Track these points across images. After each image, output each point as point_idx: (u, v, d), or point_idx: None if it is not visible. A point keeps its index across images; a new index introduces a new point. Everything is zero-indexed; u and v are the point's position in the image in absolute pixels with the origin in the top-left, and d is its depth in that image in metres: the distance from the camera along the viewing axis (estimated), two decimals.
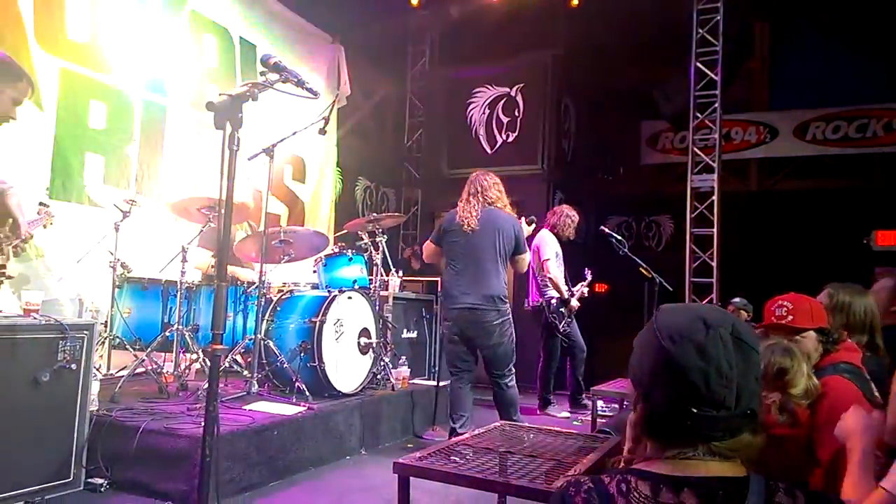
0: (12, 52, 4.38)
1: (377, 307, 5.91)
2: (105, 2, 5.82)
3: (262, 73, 2.36)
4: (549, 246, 7.13)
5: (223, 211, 2.20)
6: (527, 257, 5.38)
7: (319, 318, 5.08)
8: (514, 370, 5.21)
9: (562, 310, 7.12)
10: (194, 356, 5.14)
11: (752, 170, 11.22)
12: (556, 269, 7.06)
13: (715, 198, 8.57)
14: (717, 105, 8.56)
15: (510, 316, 5.17)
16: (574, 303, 7.17)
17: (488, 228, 5.07)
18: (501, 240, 5.07)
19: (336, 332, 5.22)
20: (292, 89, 2.42)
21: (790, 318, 2.67)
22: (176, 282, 5.03)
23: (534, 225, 5.69)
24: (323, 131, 5.39)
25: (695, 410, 1.24)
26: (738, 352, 1.27)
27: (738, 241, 9.54)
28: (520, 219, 5.46)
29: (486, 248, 5.06)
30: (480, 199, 5.15)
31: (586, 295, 7.39)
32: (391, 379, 5.89)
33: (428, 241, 5.50)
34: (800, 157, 10.60)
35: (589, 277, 7.47)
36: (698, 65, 8.63)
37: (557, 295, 7.10)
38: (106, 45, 5.82)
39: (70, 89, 5.50)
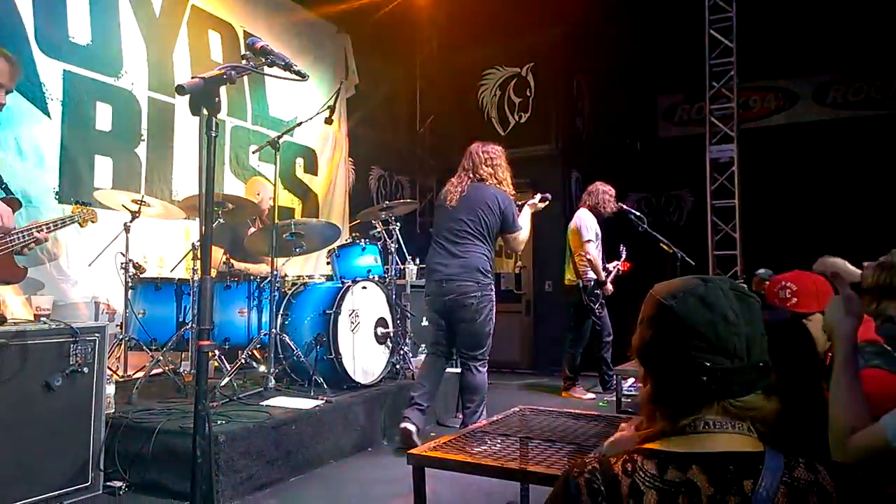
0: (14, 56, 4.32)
1: (394, 296, 5.84)
2: (105, 2, 5.77)
3: (244, 57, 2.28)
4: (589, 227, 6.99)
5: (204, 201, 2.13)
6: (520, 236, 5.08)
7: (334, 309, 5.03)
8: (487, 358, 4.96)
9: (597, 292, 7.00)
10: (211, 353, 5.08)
11: (772, 137, 10.97)
12: (595, 251, 6.94)
13: (735, 168, 8.40)
14: (732, 73, 8.37)
15: (492, 294, 4.92)
16: (609, 287, 7.03)
17: (471, 204, 4.89)
18: (485, 216, 4.86)
19: (352, 322, 5.17)
20: (279, 72, 2.33)
21: (794, 300, 2.48)
22: (188, 280, 5.00)
23: (547, 202, 5.39)
24: (329, 121, 5.33)
25: (708, 364, 1.21)
26: (740, 302, 1.26)
27: (762, 212, 9.32)
28: (533, 195, 5.31)
29: (468, 223, 4.86)
30: (470, 174, 4.99)
31: (621, 273, 7.28)
32: (411, 368, 5.84)
33: None
34: (821, 122, 10.33)
35: (624, 255, 7.36)
36: (712, 32, 8.43)
37: (595, 277, 7.00)
38: (109, 45, 5.79)
39: (75, 92, 5.46)
